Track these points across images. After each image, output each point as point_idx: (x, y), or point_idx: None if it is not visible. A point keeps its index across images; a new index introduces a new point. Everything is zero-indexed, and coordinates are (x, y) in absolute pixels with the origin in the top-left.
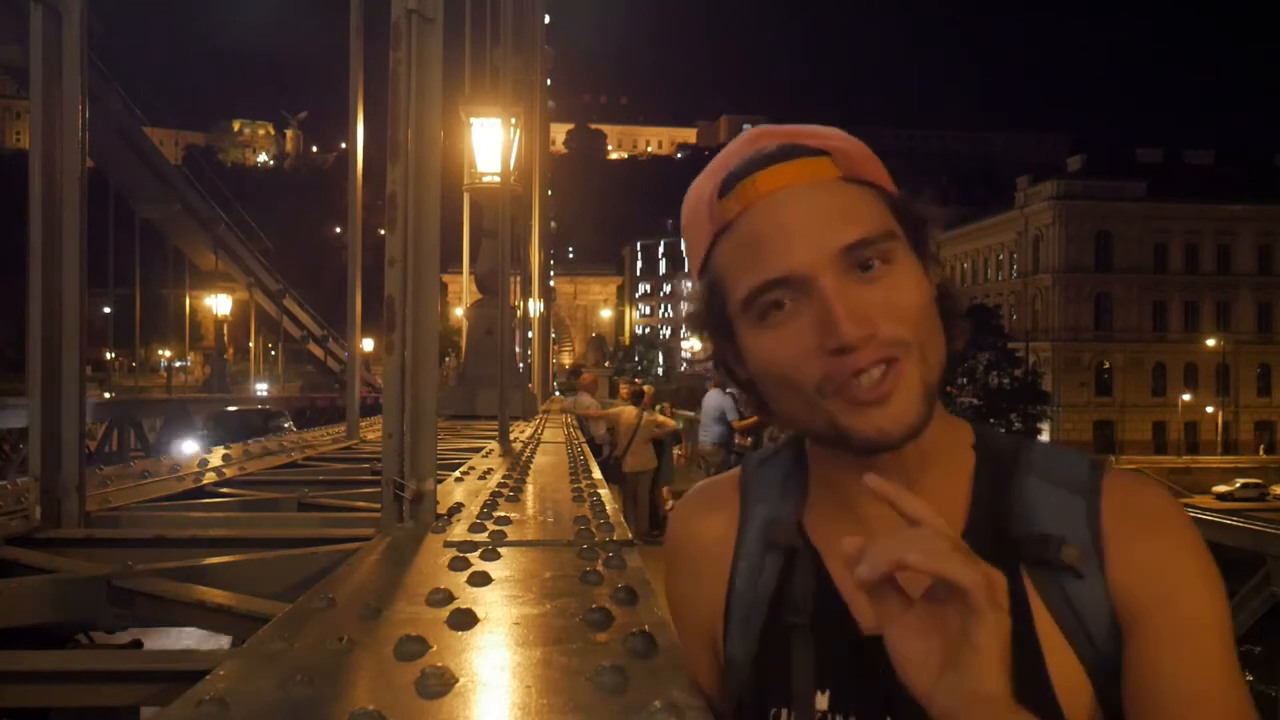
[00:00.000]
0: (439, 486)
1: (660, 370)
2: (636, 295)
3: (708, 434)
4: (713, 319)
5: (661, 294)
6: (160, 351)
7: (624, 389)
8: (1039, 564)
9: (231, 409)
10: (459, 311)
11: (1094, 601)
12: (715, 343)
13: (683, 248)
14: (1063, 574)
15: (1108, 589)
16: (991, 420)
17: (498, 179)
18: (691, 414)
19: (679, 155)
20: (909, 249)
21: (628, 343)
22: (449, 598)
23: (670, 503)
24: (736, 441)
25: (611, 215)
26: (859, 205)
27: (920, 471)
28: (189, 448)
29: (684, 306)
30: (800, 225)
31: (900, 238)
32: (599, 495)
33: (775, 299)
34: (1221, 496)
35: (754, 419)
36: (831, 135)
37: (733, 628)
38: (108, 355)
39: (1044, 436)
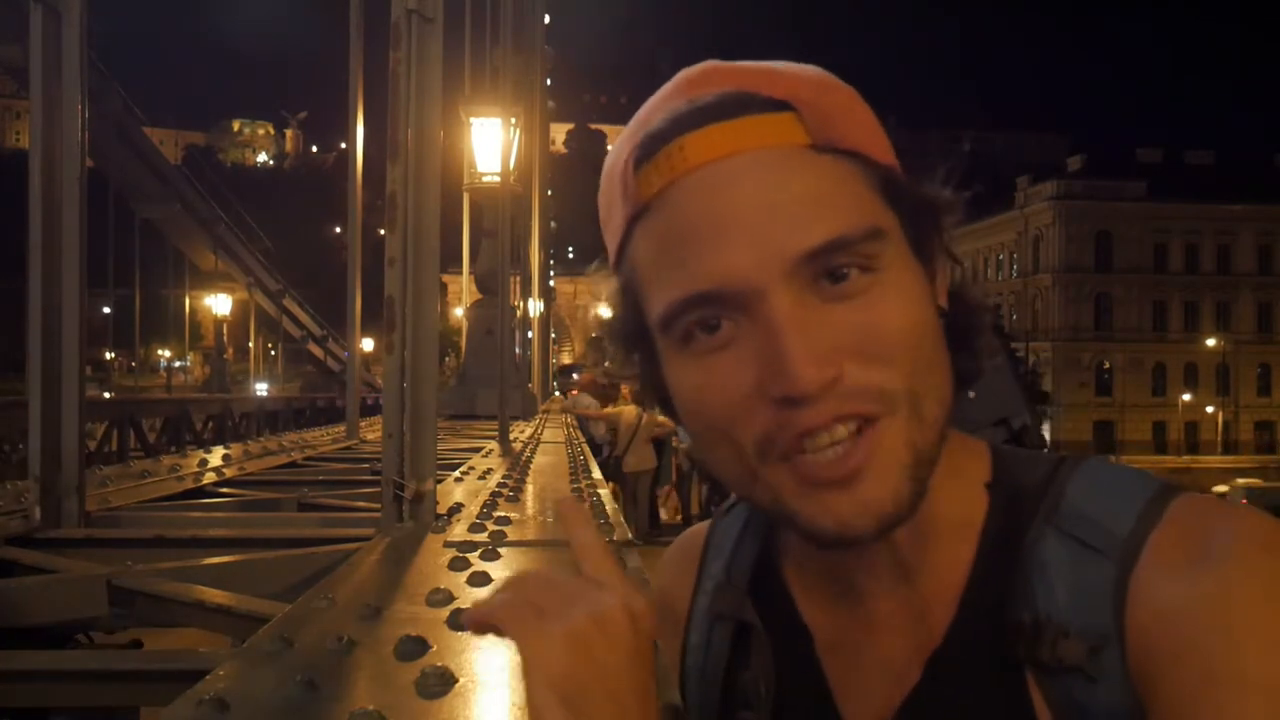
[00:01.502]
0: (439, 486)
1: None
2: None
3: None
4: (628, 328)
5: None
6: (160, 351)
7: (625, 388)
8: (1035, 663)
9: None
10: (459, 311)
11: (1114, 708)
12: (639, 358)
13: (601, 227)
14: (1069, 677)
15: (1131, 687)
16: None
17: (498, 179)
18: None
19: None
20: (904, 249)
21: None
22: (449, 598)
23: (665, 498)
24: None
25: None
26: (833, 187)
27: (911, 537)
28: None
29: (599, 308)
30: (743, 216)
31: (890, 235)
32: (599, 495)
33: (703, 318)
34: (1222, 496)
35: None
36: (801, 78)
37: (691, 714)
38: (108, 355)
39: (1044, 437)
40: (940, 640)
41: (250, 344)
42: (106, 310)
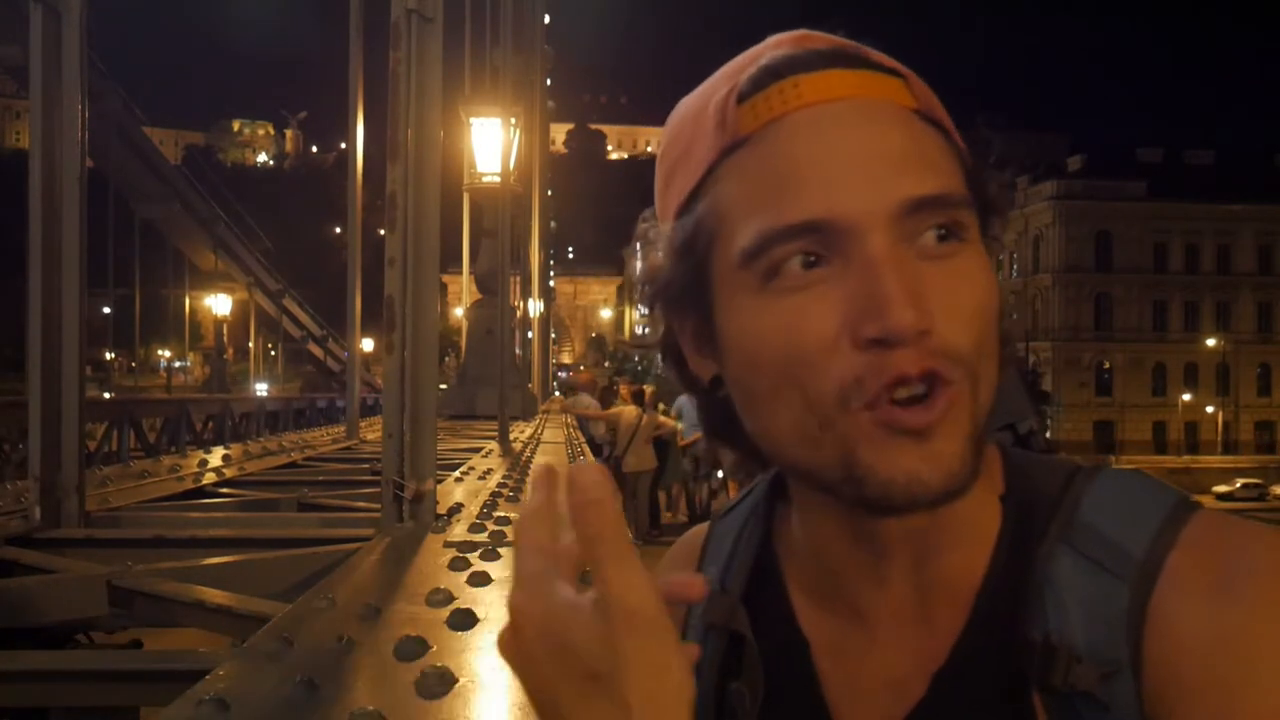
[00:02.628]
0: (439, 486)
1: (660, 370)
2: (637, 298)
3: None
4: (682, 280)
5: None
6: (160, 351)
7: (624, 389)
8: (1045, 687)
9: None
10: (459, 311)
11: None
12: (674, 319)
13: (657, 177)
14: (1079, 701)
15: (1144, 715)
16: None
17: (498, 179)
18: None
19: None
20: (978, 230)
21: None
22: (449, 598)
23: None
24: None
25: (611, 215)
26: (937, 152)
27: (931, 540)
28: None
29: (636, 263)
30: (856, 155)
31: (974, 212)
32: None
33: (797, 252)
34: (1222, 497)
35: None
36: (894, 61)
37: None
38: (107, 355)
39: (1049, 441)
40: (947, 655)
41: (250, 344)
42: (106, 310)
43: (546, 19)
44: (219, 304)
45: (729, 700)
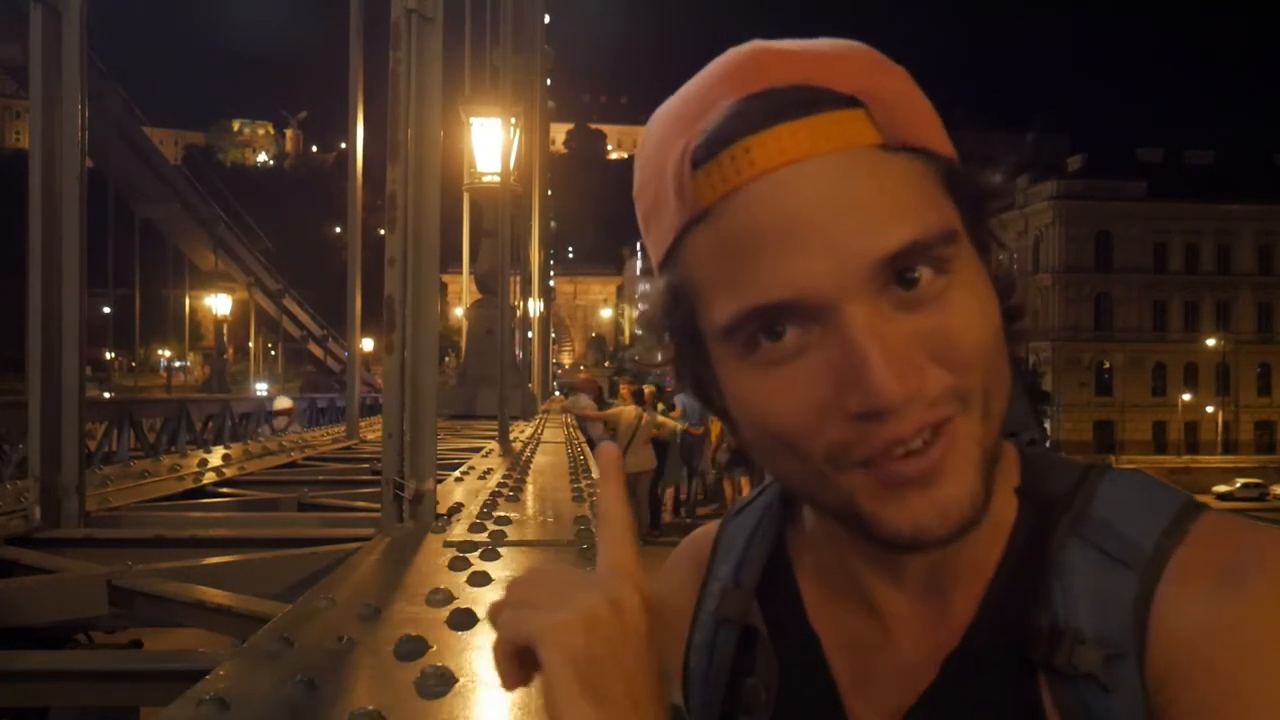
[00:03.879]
0: (439, 486)
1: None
2: (636, 295)
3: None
4: (677, 331)
5: None
6: (160, 351)
7: (625, 389)
8: (1050, 669)
9: None
10: (459, 311)
11: None
12: (680, 349)
13: (637, 214)
14: (1083, 684)
15: (1147, 704)
16: None
17: (497, 179)
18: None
19: None
20: (969, 246)
21: (628, 342)
22: (449, 598)
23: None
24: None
25: (611, 215)
26: (906, 190)
27: (955, 544)
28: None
29: (638, 305)
30: (816, 221)
31: (962, 234)
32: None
33: (769, 326)
34: (1222, 496)
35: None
36: (864, 66)
37: (692, 715)
38: (107, 355)
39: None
40: (958, 642)
41: (250, 344)
42: (106, 310)
43: (546, 19)
44: (219, 304)
45: (743, 695)
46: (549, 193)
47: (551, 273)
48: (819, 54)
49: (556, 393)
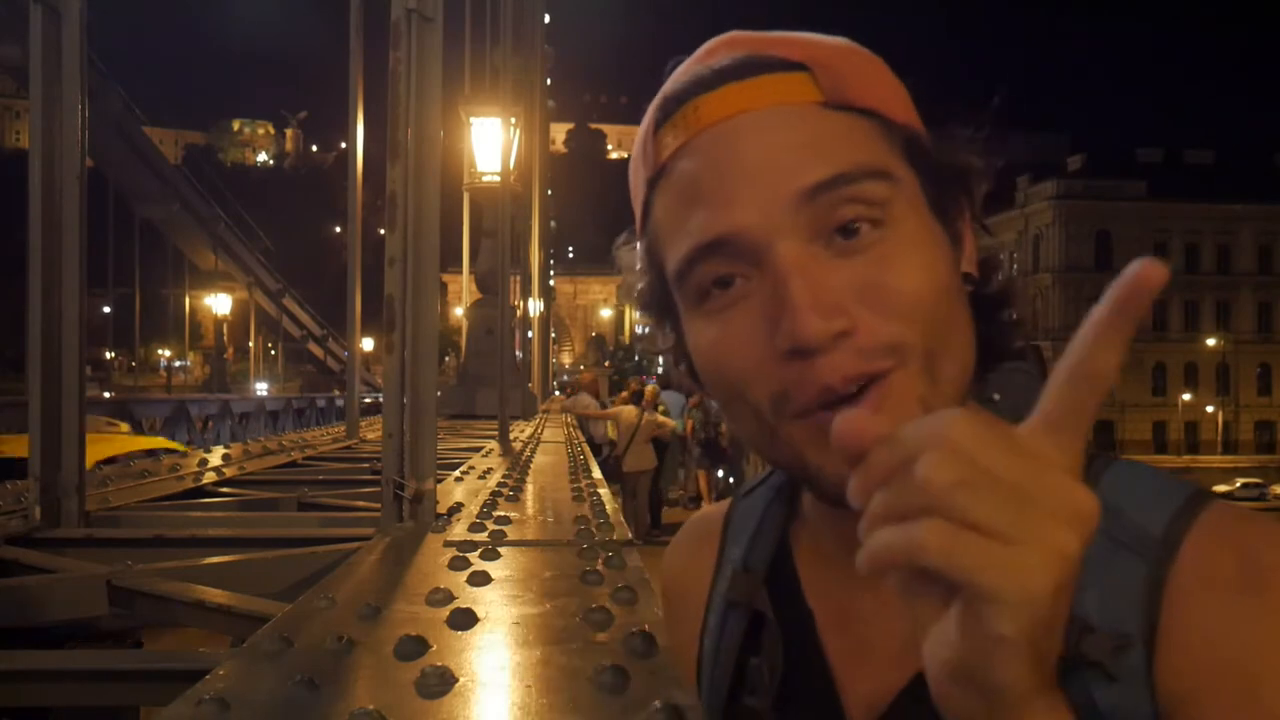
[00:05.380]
0: (439, 486)
1: (660, 370)
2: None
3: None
4: (655, 297)
5: None
6: (160, 351)
7: (635, 387)
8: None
9: None
10: (459, 311)
11: (1131, 713)
12: (658, 321)
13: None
14: (1088, 672)
15: (1154, 694)
16: None
17: (498, 179)
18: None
19: None
20: (922, 208)
21: (628, 342)
22: (449, 597)
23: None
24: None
25: (611, 215)
26: (838, 135)
27: None
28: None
29: (620, 285)
30: (747, 166)
31: (902, 187)
32: (599, 495)
33: (716, 273)
34: (1222, 496)
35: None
36: (819, 43)
37: (703, 697)
38: (108, 355)
39: None
40: None
41: (250, 343)
42: (106, 310)
43: (546, 19)
44: (219, 304)
45: (749, 676)
46: (549, 193)
47: (551, 273)
48: (781, 35)
49: (557, 392)
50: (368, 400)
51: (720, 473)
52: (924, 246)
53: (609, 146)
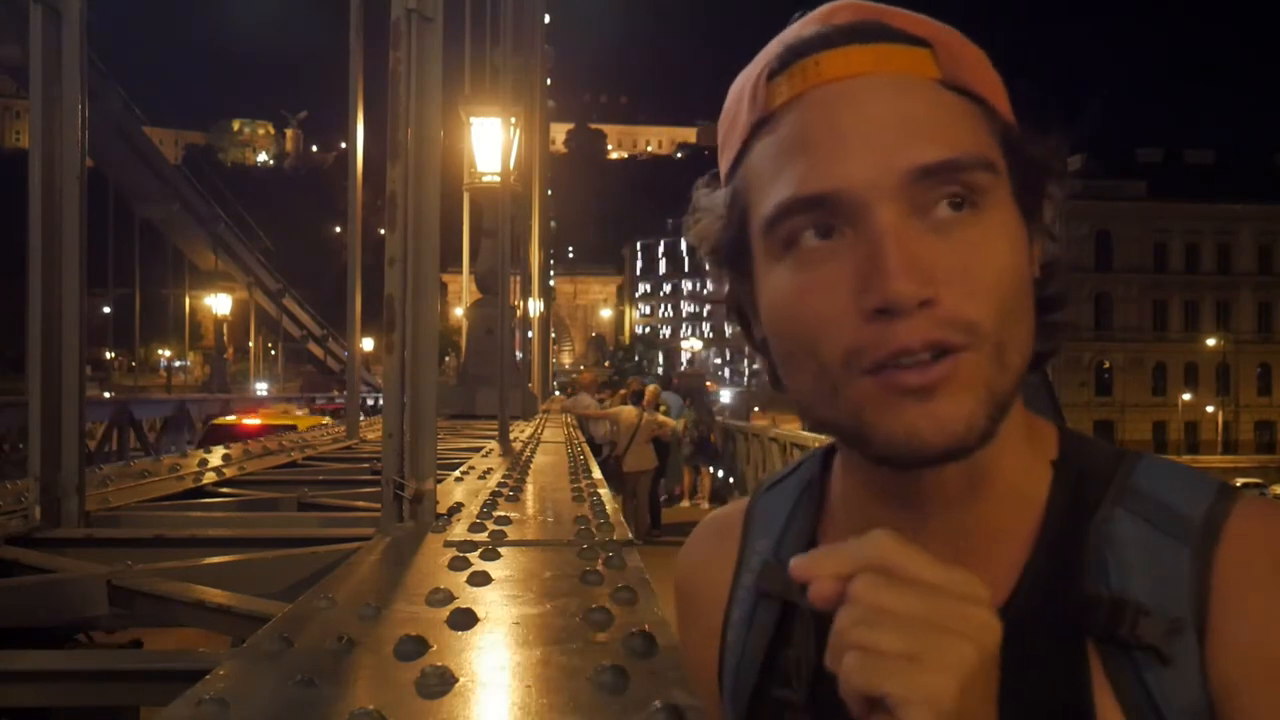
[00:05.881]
0: (439, 486)
1: (660, 370)
2: (636, 295)
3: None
4: (729, 244)
5: (661, 294)
6: (160, 351)
7: (636, 386)
8: (1109, 639)
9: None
10: (459, 311)
11: (1183, 696)
12: (731, 280)
13: (718, 143)
14: (1141, 655)
15: (1206, 678)
16: None
17: (497, 179)
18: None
19: (679, 155)
20: (1011, 198)
21: (628, 342)
22: (449, 597)
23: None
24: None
25: (611, 215)
26: (954, 118)
27: (970, 499)
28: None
29: (691, 226)
30: (865, 128)
31: (1002, 175)
32: (599, 495)
33: (811, 224)
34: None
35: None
36: (938, 25)
37: (725, 691)
38: (107, 355)
39: None
40: (999, 610)
41: (250, 344)
42: (106, 310)
43: (546, 19)
44: (219, 304)
45: (779, 667)
46: (549, 193)
47: (551, 273)
48: (898, 10)
49: (557, 392)
50: (369, 402)
51: (719, 472)
52: (1011, 238)
53: (609, 146)
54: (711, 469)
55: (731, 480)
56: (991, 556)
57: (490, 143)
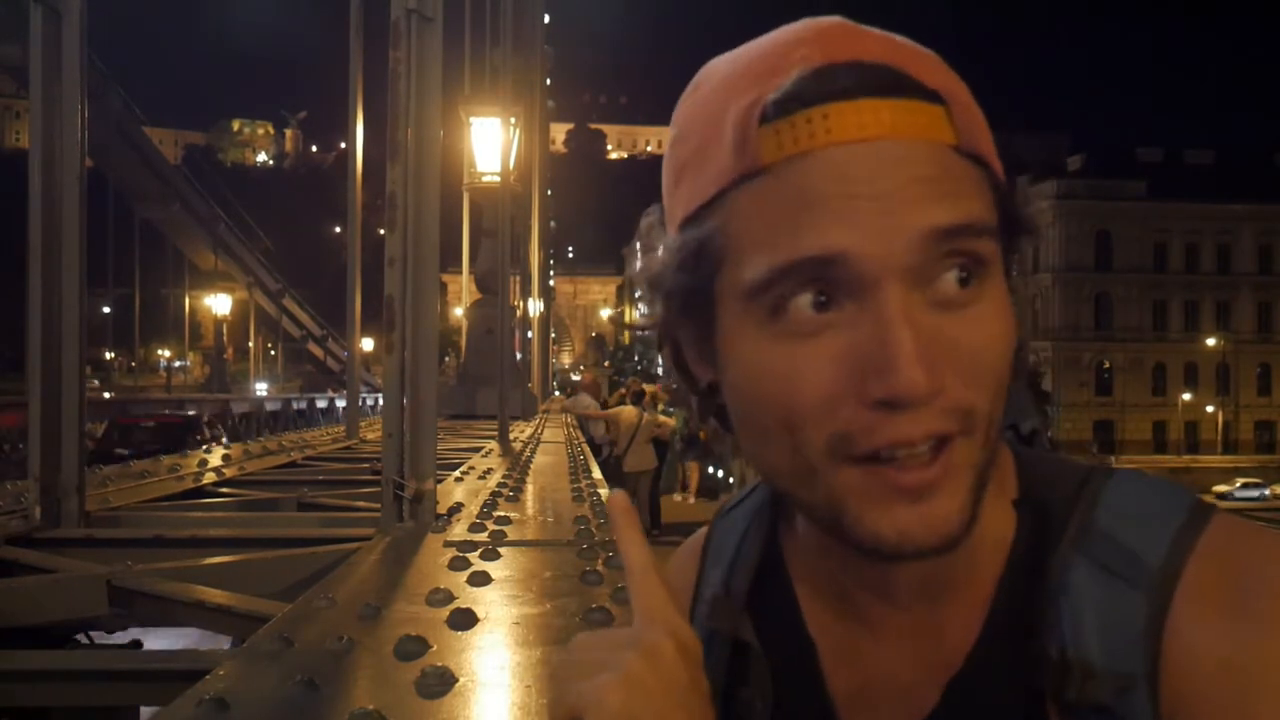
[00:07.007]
0: (439, 486)
1: (660, 369)
2: (636, 295)
3: None
4: (685, 293)
5: None
6: (160, 351)
7: (635, 387)
8: (1062, 700)
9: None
10: (459, 311)
11: None
12: (676, 325)
13: (664, 169)
14: (1094, 716)
15: None
16: None
17: (497, 179)
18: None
19: None
20: (1000, 264)
21: (628, 342)
22: (449, 597)
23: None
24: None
25: (611, 215)
26: (964, 184)
27: (946, 561)
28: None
29: (636, 254)
30: (879, 193)
31: (998, 242)
32: (599, 495)
33: (806, 291)
34: (1222, 496)
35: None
36: (947, 69)
37: None
38: (108, 355)
39: (1051, 440)
40: (961, 664)
41: (250, 343)
42: (106, 310)
43: (546, 19)
44: (219, 304)
45: (737, 708)
46: (549, 193)
47: (551, 273)
48: (904, 44)
49: (556, 392)
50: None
51: (710, 468)
52: (1006, 310)
53: (609, 146)
54: (700, 465)
55: (721, 474)
56: (959, 607)
57: (490, 143)
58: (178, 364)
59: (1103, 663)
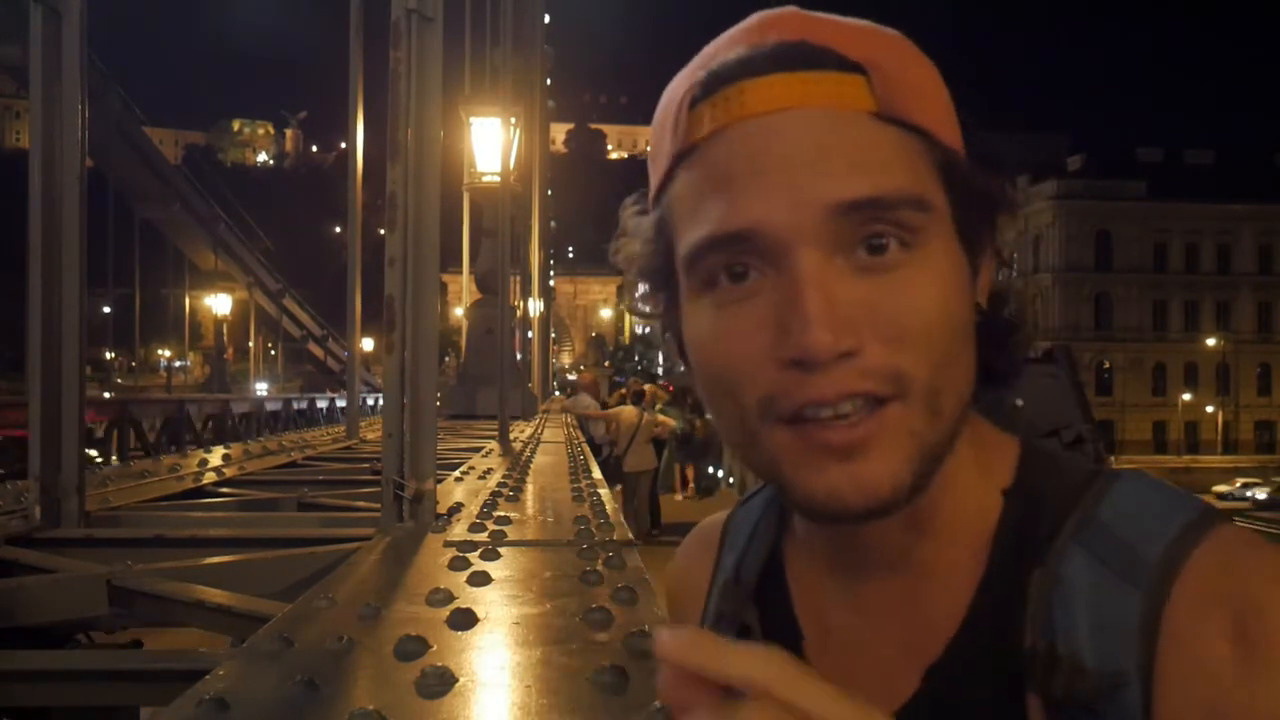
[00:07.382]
0: (439, 486)
1: (660, 370)
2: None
3: None
4: (657, 272)
5: None
6: (160, 351)
7: (622, 389)
8: (1045, 696)
9: None
10: (459, 311)
11: None
12: (663, 298)
13: (649, 160)
14: (1081, 715)
15: None
16: None
17: (497, 179)
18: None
19: None
20: (950, 235)
21: (628, 342)
22: (449, 597)
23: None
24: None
25: (611, 215)
26: (884, 152)
27: (914, 537)
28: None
29: (618, 248)
30: (786, 164)
31: (936, 214)
32: (599, 495)
33: (729, 263)
34: (1222, 496)
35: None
36: (882, 42)
37: None
38: (107, 355)
39: (1102, 450)
40: (941, 651)
41: (250, 344)
42: (106, 310)
43: (546, 19)
44: (219, 304)
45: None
46: (549, 193)
47: (551, 273)
48: (842, 24)
49: (557, 392)
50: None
51: (708, 467)
52: (945, 278)
53: (609, 146)
54: (696, 465)
55: (719, 474)
56: (936, 598)
57: (490, 143)
58: (178, 364)
59: (1094, 659)
